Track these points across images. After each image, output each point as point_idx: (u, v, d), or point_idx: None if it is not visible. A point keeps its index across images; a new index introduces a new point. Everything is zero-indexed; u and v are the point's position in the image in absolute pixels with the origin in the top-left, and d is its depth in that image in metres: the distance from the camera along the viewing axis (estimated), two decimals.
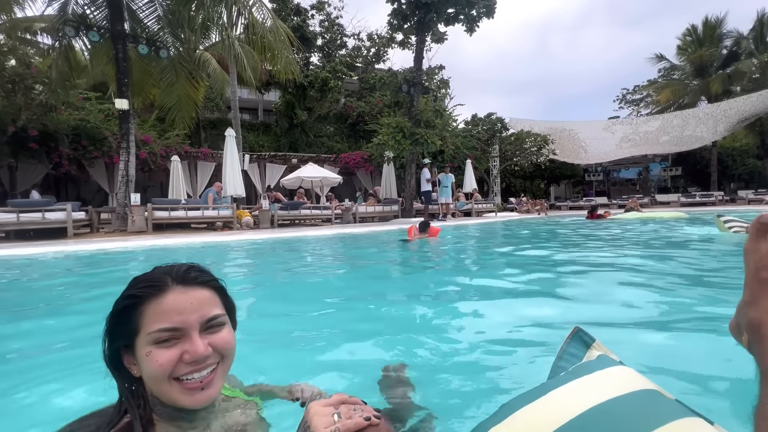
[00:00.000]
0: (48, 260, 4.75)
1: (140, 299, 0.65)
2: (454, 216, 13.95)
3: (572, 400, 0.60)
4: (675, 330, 1.84)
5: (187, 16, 9.80)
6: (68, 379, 1.41)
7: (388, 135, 11.75)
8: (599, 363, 0.72)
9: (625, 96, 39.21)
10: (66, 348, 1.78)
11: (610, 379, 0.65)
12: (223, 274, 3.56)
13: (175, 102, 11.13)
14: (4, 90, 10.95)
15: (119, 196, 8.40)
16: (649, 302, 2.27)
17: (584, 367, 0.70)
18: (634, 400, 0.59)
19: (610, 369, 0.68)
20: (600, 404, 0.58)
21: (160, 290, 0.65)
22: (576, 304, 2.39)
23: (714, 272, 3.27)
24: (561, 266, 3.81)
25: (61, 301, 2.88)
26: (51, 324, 2.24)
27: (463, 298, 2.69)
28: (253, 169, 17.32)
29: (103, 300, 2.65)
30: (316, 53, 23.17)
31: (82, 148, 12.60)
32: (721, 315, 1.86)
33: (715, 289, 2.65)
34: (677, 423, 0.53)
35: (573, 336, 0.84)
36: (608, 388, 0.62)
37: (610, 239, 5.98)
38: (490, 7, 11.84)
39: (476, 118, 21.81)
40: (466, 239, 7.05)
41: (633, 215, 10.78)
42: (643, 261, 3.82)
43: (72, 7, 9.41)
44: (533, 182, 28.13)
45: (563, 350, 0.82)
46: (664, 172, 27.46)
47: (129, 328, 0.65)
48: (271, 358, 1.58)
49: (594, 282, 3.03)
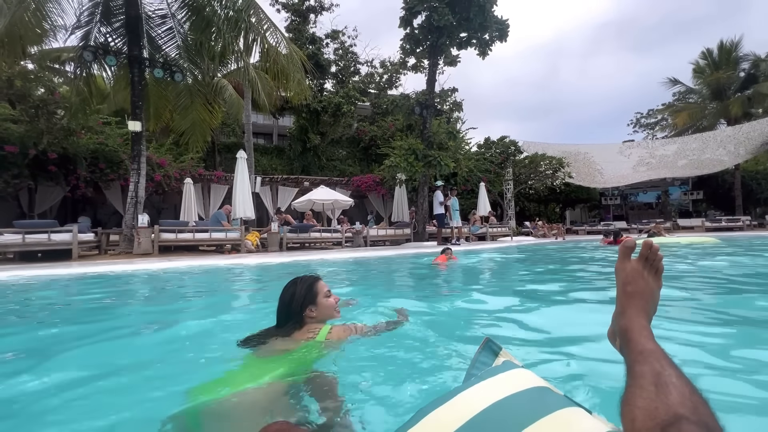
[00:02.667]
0: (20, 284, 4.49)
1: (316, 280, 1.70)
2: (468, 240, 13.56)
3: (476, 400, 0.68)
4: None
5: (206, 44, 10.08)
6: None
7: (400, 157, 11.62)
8: (503, 367, 0.82)
9: (639, 120, 38.97)
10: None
11: (508, 380, 0.74)
12: (211, 303, 3.17)
13: (189, 125, 11.28)
14: (28, 115, 11.32)
15: (127, 218, 8.35)
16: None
17: (490, 372, 0.79)
18: (526, 396, 0.68)
19: (510, 371, 0.78)
20: (498, 401, 0.66)
21: (318, 278, 1.74)
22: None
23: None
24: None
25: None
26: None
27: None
28: (266, 191, 17.39)
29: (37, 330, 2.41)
30: (330, 80, 23.71)
31: (99, 171, 12.83)
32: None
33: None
34: (559, 412, 0.62)
35: (484, 346, 0.94)
36: (506, 387, 0.71)
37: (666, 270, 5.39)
38: (503, 30, 11.87)
39: (489, 141, 21.68)
40: (498, 265, 6.66)
41: (661, 240, 10.23)
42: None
43: (95, 35, 9.76)
44: (548, 206, 27.57)
45: (475, 359, 0.91)
46: (685, 195, 26.65)
47: (313, 293, 1.65)
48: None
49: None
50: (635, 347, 0.64)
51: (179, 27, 10.43)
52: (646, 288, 0.78)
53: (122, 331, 2.42)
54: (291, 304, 1.61)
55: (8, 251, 6.55)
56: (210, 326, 2.43)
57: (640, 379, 0.55)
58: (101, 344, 2.10)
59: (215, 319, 2.61)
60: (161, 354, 1.92)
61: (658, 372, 0.55)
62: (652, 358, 0.59)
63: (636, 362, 0.60)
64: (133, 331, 2.44)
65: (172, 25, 10.44)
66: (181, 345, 2.06)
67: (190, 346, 2.05)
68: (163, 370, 1.66)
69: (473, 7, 11.28)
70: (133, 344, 2.12)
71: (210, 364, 1.69)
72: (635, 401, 0.52)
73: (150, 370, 1.65)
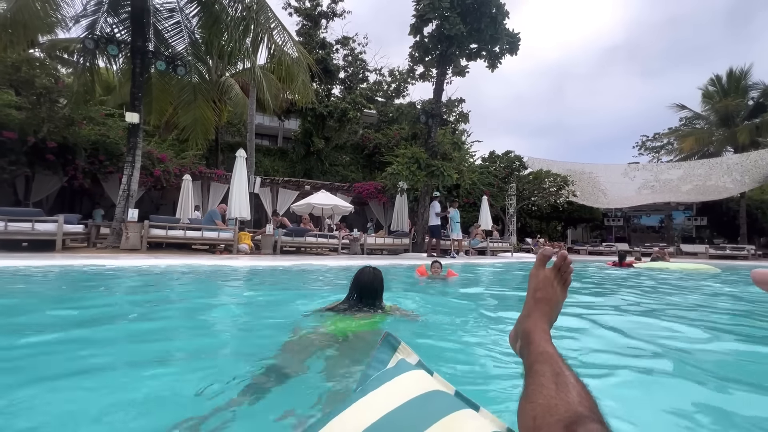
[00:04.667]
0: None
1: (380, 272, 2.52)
2: (468, 254, 13.28)
3: (371, 409, 0.68)
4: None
5: (214, 42, 9.99)
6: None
7: (402, 165, 11.41)
8: (395, 370, 0.82)
9: (644, 143, 38.87)
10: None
11: (403, 385, 0.75)
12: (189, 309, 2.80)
13: (190, 121, 11.13)
14: (30, 102, 11.21)
15: (117, 211, 8.11)
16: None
17: (381, 377, 0.79)
18: (418, 403, 0.69)
19: (405, 375, 0.79)
20: (386, 414, 0.66)
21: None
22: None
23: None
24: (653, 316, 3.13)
25: None
26: None
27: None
28: (266, 193, 17.20)
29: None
30: (338, 85, 23.69)
31: (98, 163, 12.67)
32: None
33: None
34: (448, 417, 0.64)
35: (383, 341, 0.94)
36: (400, 394, 0.71)
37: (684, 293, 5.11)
38: (514, 44, 11.75)
39: (494, 155, 21.53)
40: (504, 281, 6.35)
41: (661, 264, 9.96)
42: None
43: (101, 25, 9.67)
44: (549, 223, 27.31)
45: (373, 356, 0.90)
46: (689, 221, 26.41)
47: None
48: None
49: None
50: (536, 348, 0.67)
51: (187, 22, 10.35)
52: (554, 296, 0.82)
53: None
54: (379, 288, 2.44)
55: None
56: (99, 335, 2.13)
57: (540, 378, 0.57)
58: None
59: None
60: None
61: (557, 372, 0.57)
62: (552, 360, 0.61)
63: (536, 362, 0.63)
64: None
65: (180, 19, 10.35)
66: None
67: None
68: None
69: (485, 18, 11.18)
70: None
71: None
72: (536, 398, 0.53)
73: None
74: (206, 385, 1.37)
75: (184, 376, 1.57)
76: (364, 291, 2.39)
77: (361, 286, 2.40)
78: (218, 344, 2.17)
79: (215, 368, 1.67)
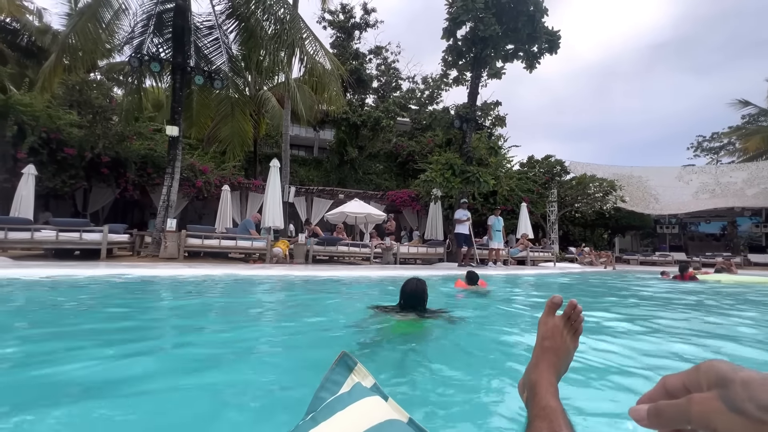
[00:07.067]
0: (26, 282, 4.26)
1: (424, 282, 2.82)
2: (506, 263, 12.66)
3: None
4: None
5: (255, 59, 10.31)
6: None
7: (436, 171, 11.09)
8: (351, 395, 0.77)
9: (701, 143, 35.99)
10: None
11: (356, 414, 0.71)
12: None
13: (228, 134, 11.51)
14: (87, 120, 12.13)
15: (157, 221, 8.45)
16: None
17: (339, 402, 0.75)
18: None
19: (358, 403, 0.74)
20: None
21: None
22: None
23: None
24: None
25: None
26: None
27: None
28: (301, 202, 17.47)
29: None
30: (371, 95, 23.85)
31: (146, 175, 13.43)
32: None
33: None
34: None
35: (339, 361, 0.87)
36: (352, 426, 0.67)
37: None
38: (554, 42, 11.16)
39: (533, 159, 20.65)
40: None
41: (729, 278, 8.87)
42: None
43: (147, 45, 10.29)
44: (594, 231, 25.68)
45: (326, 378, 0.84)
46: (757, 228, 23.83)
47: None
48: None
49: None
50: (539, 402, 0.67)
51: (224, 38, 10.77)
52: (562, 346, 0.81)
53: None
54: (424, 296, 2.74)
55: (44, 248, 6.76)
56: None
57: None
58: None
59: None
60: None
61: (554, 431, 0.58)
62: (553, 416, 0.62)
63: (537, 417, 0.63)
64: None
65: (218, 35, 10.80)
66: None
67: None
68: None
69: (522, 17, 10.73)
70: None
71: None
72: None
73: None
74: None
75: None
76: (410, 298, 2.72)
77: (407, 294, 2.73)
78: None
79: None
